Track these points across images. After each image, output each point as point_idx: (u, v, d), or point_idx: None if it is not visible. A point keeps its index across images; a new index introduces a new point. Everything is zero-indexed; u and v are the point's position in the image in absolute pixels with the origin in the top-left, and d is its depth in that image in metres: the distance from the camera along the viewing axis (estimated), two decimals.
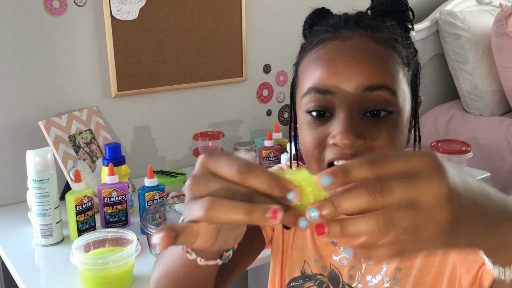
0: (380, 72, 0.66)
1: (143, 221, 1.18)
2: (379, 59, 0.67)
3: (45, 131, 1.42)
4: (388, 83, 0.66)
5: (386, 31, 0.70)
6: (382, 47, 0.68)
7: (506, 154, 2.08)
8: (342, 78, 0.66)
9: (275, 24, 1.98)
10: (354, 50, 0.67)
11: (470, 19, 2.29)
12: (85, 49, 1.59)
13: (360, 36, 0.69)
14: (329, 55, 0.68)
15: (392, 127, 0.67)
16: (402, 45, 0.71)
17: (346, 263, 0.77)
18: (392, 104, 0.67)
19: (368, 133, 0.66)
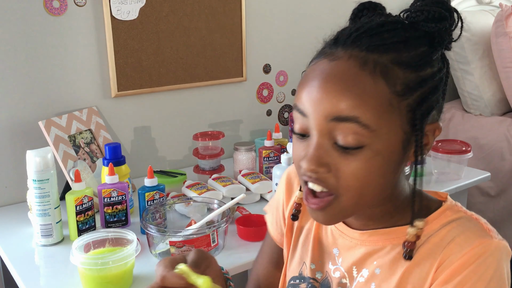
0: (351, 103, 0.62)
1: (143, 221, 1.18)
2: (355, 88, 0.62)
3: (45, 131, 1.42)
4: (359, 116, 0.62)
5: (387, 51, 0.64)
6: (367, 74, 0.63)
7: (506, 154, 2.09)
8: (314, 104, 0.64)
9: (275, 24, 1.98)
10: (332, 75, 0.64)
11: (470, 19, 2.29)
12: (85, 49, 1.59)
13: (348, 58, 0.64)
14: (312, 74, 0.66)
15: (362, 161, 0.64)
16: (406, 68, 0.64)
17: (339, 275, 0.77)
18: (364, 138, 0.63)
19: (335, 162, 0.64)
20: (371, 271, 0.72)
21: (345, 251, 0.77)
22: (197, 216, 1.30)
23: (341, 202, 0.66)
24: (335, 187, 0.65)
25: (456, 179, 1.67)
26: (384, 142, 0.64)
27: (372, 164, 0.64)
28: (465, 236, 0.67)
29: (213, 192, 1.43)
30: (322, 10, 2.06)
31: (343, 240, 0.77)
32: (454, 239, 0.67)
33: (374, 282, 0.72)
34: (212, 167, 1.64)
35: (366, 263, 0.73)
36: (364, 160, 0.64)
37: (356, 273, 0.74)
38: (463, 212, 0.72)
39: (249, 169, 1.64)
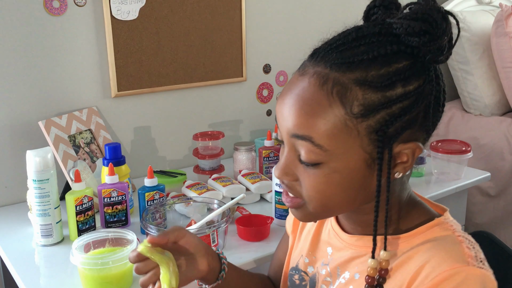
0: (305, 123, 0.64)
1: (143, 221, 1.18)
2: (310, 108, 0.63)
3: (45, 131, 1.42)
4: (313, 136, 0.63)
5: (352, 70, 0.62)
6: (324, 94, 0.63)
7: (506, 154, 2.08)
8: (280, 118, 0.68)
9: (275, 24, 1.98)
10: (295, 91, 0.66)
11: (470, 19, 2.29)
12: (85, 49, 1.59)
13: (312, 75, 0.65)
14: (285, 87, 0.69)
15: (320, 177, 0.66)
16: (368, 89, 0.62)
17: (325, 272, 0.79)
18: (318, 157, 0.64)
19: (299, 174, 0.68)
20: (352, 274, 0.74)
21: (336, 251, 0.78)
22: (197, 216, 1.30)
23: (309, 208, 0.70)
24: (300, 195, 0.69)
25: (456, 179, 1.67)
26: (342, 161, 0.64)
27: (330, 180, 0.66)
28: (439, 258, 0.64)
29: (213, 192, 1.43)
30: (322, 10, 2.06)
31: (336, 240, 0.79)
32: (430, 259, 0.65)
33: (352, 285, 0.73)
34: (212, 167, 1.64)
35: (349, 266, 0.75)
36: (322, 176, 0.65)
37: (339, 274, 0.76)
38: (452, 231, 0.69)
39: (249, 169, 1.64)
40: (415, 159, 0.67)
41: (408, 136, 0.65)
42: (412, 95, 0.63)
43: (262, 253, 1.20)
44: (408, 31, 0.62)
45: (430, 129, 0.69)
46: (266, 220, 1.30)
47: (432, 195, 1.55)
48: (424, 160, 1.71)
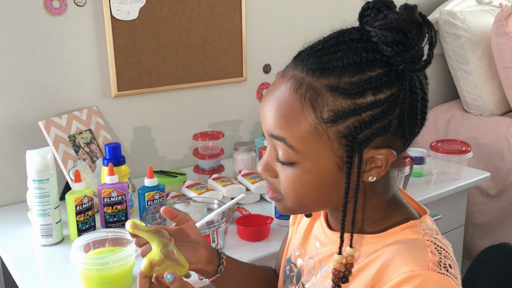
0: (280, 125, 0.67)
1: (143, 221, 1.18)
2: (285, 111, 0.66)
3: (45, 131, 1.42)
4: (286, 137, 0.67)
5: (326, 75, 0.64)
6: (297, 98, 0.65)
7: (506, 154, 2.08)
8: (262, 116, 0.71)
9: (275, 24, 1.98)
10: (275, 92, 0.69)
11: (470, 19, 2.29)
12: (85, 49, 1.59)
13: (289, 78, 0.67)
14: (269, 87, 0.72)
15: (295, 176, 0.69)
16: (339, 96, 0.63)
17: (308, 265, 0.82)
18: (292, 157, 0.68)
19: (278, 171, 0.72)
20: (330, 268, 0.76)
21: (322, 246, 0.81)
22: (197, 216, 1.30)
23: (287, 203, 0.73)
24: (279, 191, 0.73)
25: (456, 179, 1.67)
26: (314, 163, 0.67)
27: (303, 179, 0.69)
28: (402, 260, 0.65)
29: (213, 192, 1.43)
30: (322, 10, 2.06)
31: (322, 236, 0.82)
32: (393, 260, 0.66)
33: (329, 279, 0.75)
34: (212, 167, 1.64)
35: (329, 261, 0.78)
36: (295, 175, 0.69)
37: (320, 267, 0.79)
38: (422, 235, 0.69)
39: (249, 169, 1.64)
40: (389, 165, 0.68)
41: (380, 143, 0.66)
42: (383, 103, 0.63)
43: (262, 253, 1.20)
44: (382, 40, 0.63)
45: (407, 137, 0.69)
46: (266, 220, 1.30)
47: (432, 195, 1.55)
48: (424, 160, 1.71)
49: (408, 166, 1.49)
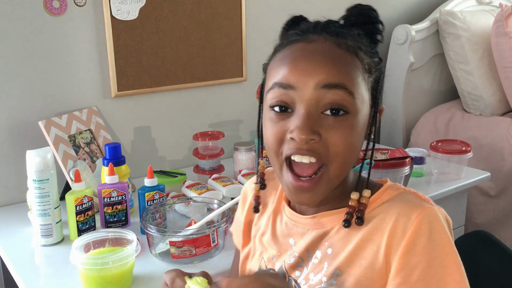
0: (338, 73, 0.70)
1: (143, 221, 1.18)
2: (338, 61, 0.71)
3: (45, 131, 1.42)
4: (346, 83, 0.70)
5: (351, 39, 0.74)
6: (343, 51, 0.72)
7: (506, 154, 2.08)
8: (302, 75, 0.70)
9: (275, 24, 1.96)
10: (317, 51, 0.72)
11: (470, 19, 2.29)
12: (85, 49, 1.59)
13: (324, 40, 0.73)
14: (294, 54, 0.73)
15: (348, 127, 0.71)
16: (365, 53, 0.74)
17: (294, 260, 0.81)
18: (349, 104, 0.70)
19: (324, 130, 0.70)
20: (324, 251, 0.77)
21: (299, 238, 0.81)
22: (197, 216, 1.30)
23: (330, 172, 0.72)
24: (325, 155, 0.71)
25: (456, 179, 1.67)
26: (361, 112, 0.72)
27: (355, 131, 0.72)
28: (408, 207, 0.72)
29: (213, 192, 1.43)
30: (323, 10, 2.06)
31: (297, 228, 0.82)
32: (400, 211, 0.72)
33: (326, 261, 0.76)
34: (212, 167, 1.64)
35: (319, 245, 0.78)
36: (349, 127, 0.70)
37: (310, 255, 0.79)
38: (402, 189, 0.78)
39: (249, 169, 1.64)
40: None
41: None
42: (380, 65, 0.77)
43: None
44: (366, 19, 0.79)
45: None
46: None
47: (432, 195, 1.55)
48: (424, 160, 1.71)
49: (408, 166, 1.49)
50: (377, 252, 0.72)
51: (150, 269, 1.13)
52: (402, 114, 2.35)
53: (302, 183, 0.73)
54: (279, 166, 0.75)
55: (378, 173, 1.43)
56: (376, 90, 0.75)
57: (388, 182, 0.80)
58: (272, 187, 0.91)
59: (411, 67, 2.27)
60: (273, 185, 0.91)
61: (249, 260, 0.91)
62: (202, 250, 1.14)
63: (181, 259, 1.13)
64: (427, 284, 0.68)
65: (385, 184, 0.79)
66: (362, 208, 0.75)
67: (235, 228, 0.98)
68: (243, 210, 0.95)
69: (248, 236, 0.93)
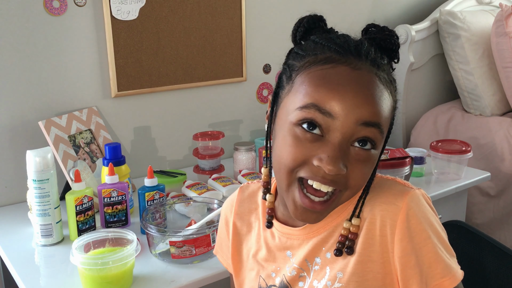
0: (378, 111, 0.69)
1: (143, 221, 1.18)
2: (380, 98, 0.70)
3: (45, 131, 1.42)
4: (381, 123, 0.70)
5: (385, 71, 0.73)
6: (383, 87, 0.71)
7: (506, 154, 2.08)
8: (347, 107, 0.67)
9: (275, 24, 1.98)
10: (363, 83, 0.69)
11: (470, 19, 2.29)
12: (85, 49, 1.59)
13: (368, 70, 0.70)
14: (339, 79, 0.69)
15: (371, 162, 0.71)
16: (392, 85, 0.74)
17: (295, 272, 0.80)
18: (378, 141, 0.71)
19: (350, 163, 0.69)
20: (323, 257, 0.77)
21: (295, 250, 0.81)
22: (197, 216, 1.30)
23: (342, 198, 0.73)
24: (343, 185, 0.71)
25: (456, 179, 1.67)
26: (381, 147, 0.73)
27: (372, 164, 0.72)
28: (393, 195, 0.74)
29: (213, 192, 1.43)
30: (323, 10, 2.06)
31: (292, 241, 0.82)
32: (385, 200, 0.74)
33: (328, 266, 0.77)
34: (212, 167, 1.64)
35: (317, 252, 0.78)
36: (371, 162, 0.71)
37: (309, 264, 0.79)
38: (378, 177, 0.79)
39: (249, 169, 1.64)
40: None
41: None
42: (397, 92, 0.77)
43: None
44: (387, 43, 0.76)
45: None
46: None
47: (432, 195, 1.55)
48: (424, 160, 1.71)
49: (408, 166, 1.49)
50: (373, 245, 0.73)
51: (150, 269, 1.13)
52: (402, 114, 2.35)
53: (314, 205, 0.71)
54: (288, 183, 0.72)
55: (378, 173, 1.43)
56: (393, 120, 0.75)
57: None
58: (250, 204, 0.90)
59: (411, 67, 2.27)
60: (249, 202, 0.91)
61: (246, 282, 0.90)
62: (202, 250, 1.14)
63: (181, 259, 1.13)
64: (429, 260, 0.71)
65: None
66: (353, 237, 0.75)
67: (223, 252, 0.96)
68: (228, 235, 0.93)
69: (239, 260, 0.91)
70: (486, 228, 2.16)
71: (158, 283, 1.08)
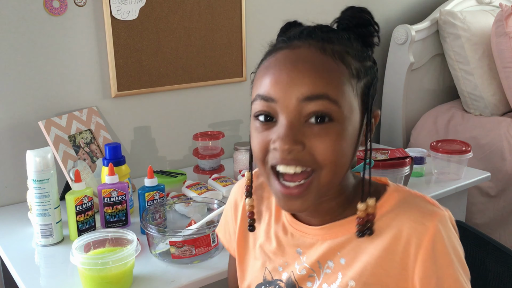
0: (321, 82, 0.68)
1: (143, 221, 1.18)
2: (321, 69, 0.69)
3: (45, 131, 1.42)
4: (329, 93, 0.68)
5: (338, 43, 0.71)
6: (328, 57, 0.70)
7: (506, 154, 2.08)
8: (284, 87, 0.68)
9: (275, 24, 1.97)
10: (299, 60, 0.69)
11: (470, 19, 2.29)
12: (85, 49, 1.59)
13: (308, 46, 0.71)
14: (276, 63, 0.71)
15: (334, 134, 0.69)
16: (353, 57, 0.72)
17: (305, 272, 0.80)
18: (334, 112, 0.68)
19: (308, 139, 0.68)
20: (336, 262, 0.76)
21: (307, 249, 0.80)
22: (197, 216, 1.30)
23: (320, 179, 0.71)
24: (311, 162, 0.69)
25: (456, 179, 1.67)
26: (349, 119, 0.70)
27: (343, 138, 0.70)
28: (421, 214, 0.73)
29: (213, 192, 1.43)
30: (323, 10, 2.06)
31: (304, 239, 0.81)
32: (413, 218, 0.72)
33: (340, 271, 0.76)
34: (212, 167, 1.64)
35: (330, 256, 0.77)
36: (335, 134, 0.69)
37: (321, 266, 0.78)
38: (407, 191, 0.78)
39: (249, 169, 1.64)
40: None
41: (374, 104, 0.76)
42: (374, 69, 0.75)
43: None
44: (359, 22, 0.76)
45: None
46: None
47: (432, 195, 1.55)
48: (424, 160, 1.71)
49: (408, 166, 1.49)
50: (393, 260, 0.72)
51: (150, 269, 1.13)
52: (402, 114, 2.35)
53: (290, 190, 0.71)
54: (266, 175, 0.74)
55: (378, 173, 1.43)
56: (367, 96, 0.73)
57: (389, 183, 0.79)
58: (262, 192, 0.89)
59: (411, 67, 2.27)
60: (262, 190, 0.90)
61: (249, 270, 0.89)
62: (202, 250, 1.14)
63: (181, 259, 1.13)
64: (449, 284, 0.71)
65: (388, 187, 0.78)
66: (371, 218, 0.74)
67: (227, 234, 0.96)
68: (236, 219, 0.92)
69: (244, 246, 0.91)
70: (486, 228, 2.16)
71: (158, 283, 1.08)
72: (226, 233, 0.96)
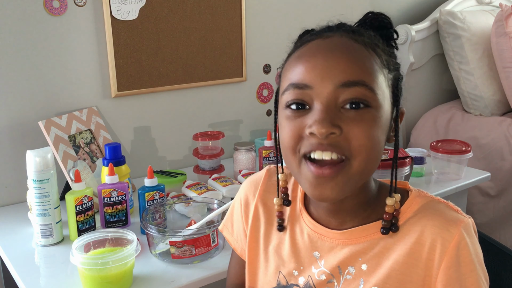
0: (357, 69, 0.68)
1: (143, 221, 1.18)
2: (357, 56, 0.69)
3: (45, 131, 1.42)
4: (366, 80, 0.68)
5: (367, 36, 0.72)
6: (361, 46, 0.70)
7: (506, 154, 2.08)
8: (320, 73, 0.68)
9: (275, 24, 1.98)
10: (334, 47, 0.69)
11: (470, 19, 2.29)
12: (85, 49, 1.59)
13: (340, 36, 0.71)
14: (310, 51, 0.71)
15: (370, 120, 0.68)
16: (382, 50, 0.72)
17: (325, 277, 0.78)
18: (370, 99, 0.68)
19: (345, 123, 0.67)
20: (358, 267, 0.75)
21: (326, 253, 0.78)
22: (197, 216, 1.30)
23: (352, 167, 0.69)
24: (347, 149, 0.68)
25: (456, 179, 1.67)
26: (383, 107, 0.70)
27: (378, 124, 0.69)
28: (446, 220, 0.72)
29: (213, 192, 1.43)
30: (323, 10, 2.06)
31: (323, 242, 0.79)
32: (438, 224, 0.72)
33: (362, 277, 0.74)
34: (212, 167, 1.64)
35: (351, 261, 0.76)
36: (371, 120, 0.68)
37: (341, 272, 0.76)
38: (430, 197, 0.77)
39: (249, 169, 1.64)
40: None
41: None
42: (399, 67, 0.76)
43: None
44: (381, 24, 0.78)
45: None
46: None
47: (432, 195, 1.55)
48: (424, 160, 1.71)
49: (408, 166, 1.49)
50: (417, 266, 0.72)
51: (150, 269, 1.13)
52: None
53: (322, 170, 0.68)
54: (297, 164, 0.71)
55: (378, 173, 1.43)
56: (396, 89, 0.73)
57: (411, 188, 0.79)
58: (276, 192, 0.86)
59: (411, 67, 2.27)
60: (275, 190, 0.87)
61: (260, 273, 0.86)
62: (202, 250, 1.14)
63: (181, 259, 1.13)
64: None
65: (411, 192, 0.77)
66: (396, 214, 0.74)
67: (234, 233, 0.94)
68: (248, 218, 0.89)
69: (256, 247, 0.88)
70: (486, 228, 2.16)
71: (158, 283, 1.08)
72: (234, 231, 0.94)
